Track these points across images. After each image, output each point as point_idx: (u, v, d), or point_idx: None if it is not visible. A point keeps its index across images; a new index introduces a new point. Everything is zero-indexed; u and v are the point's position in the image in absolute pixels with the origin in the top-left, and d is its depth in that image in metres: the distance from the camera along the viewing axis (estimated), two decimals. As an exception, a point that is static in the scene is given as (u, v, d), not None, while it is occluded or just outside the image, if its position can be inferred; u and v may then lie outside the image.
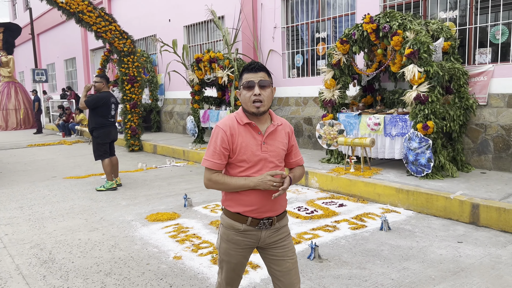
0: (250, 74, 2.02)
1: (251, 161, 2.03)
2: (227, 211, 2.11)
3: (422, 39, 5.36)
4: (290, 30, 9.16)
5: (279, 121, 2.15)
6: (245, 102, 2.02)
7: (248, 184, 1.99)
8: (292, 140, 2.20)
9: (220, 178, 2.04)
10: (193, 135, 10.12)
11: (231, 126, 2.03)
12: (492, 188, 4.91)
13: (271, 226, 2.10)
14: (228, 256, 2.13)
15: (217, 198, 5.85)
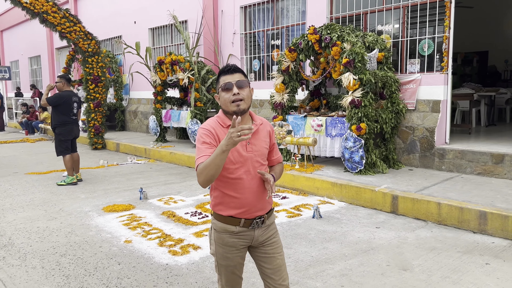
0: (226, 76, 2.03)
1: (238, 162, 2.03)
2: (218, 215, 2.11)
3: (357, 50, 6.02)
4: (249, 36, 9.72)
5: (259, 120, 2.18)
6: (225, 103, 2.03)
7: (222, 149, 1.83)
8: (273, 139, 2.25)
9: (202, 164, 1.92)
10: (155, 134, 10.50)
11: (214, 127, 2.04)
12: (413, 183, 5.61)
13: (263, 224, 2.14)
14: (225, 259, 2.13)
15: (172, 192, 6.32)
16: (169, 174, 7.68)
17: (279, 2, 8.88)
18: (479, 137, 7.38)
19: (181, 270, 3.55)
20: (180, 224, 4.79)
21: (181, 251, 3.97)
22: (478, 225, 4.38)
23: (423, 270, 3.51)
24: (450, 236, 4.34)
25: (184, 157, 8.51)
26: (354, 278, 3.39)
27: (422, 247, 4.04)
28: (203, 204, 5.59)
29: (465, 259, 3.73)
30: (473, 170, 5.89)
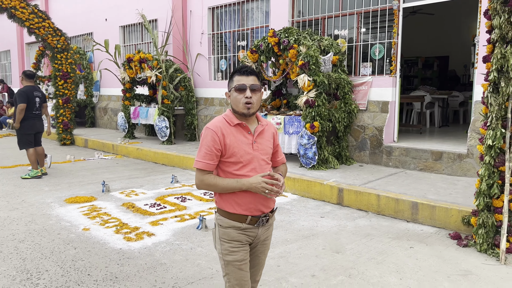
0: (241, 77, 2.08)
1: (244, 160, 2.08)
2: (225, 212, 2.13)
3: (311, 53, 6.42)
4: (216, 36, 10.02)
5: (265, 122, 2.25)
6: (236, 103, 2.09)
7: (240, 187, 2.04)
8: (277, 140, 2.30)
9: (212, 179, 2.06)
10: (124, 131, 10.67)
11: (221, 127, 2.08)
12: (359, 177, 6.05)
13: (267, 222, 2.19)
14: (232, 254, 2.12)
15: (134, 186, 6.57)
16: (135, 169, 7.91)
17: (245, 4, 9.22)
18: (427, 137, 7.91)
19: (133, 254, 3.84)
20: (139, 214, 5.07)
21: (136, 237, 4.26)
22: (411, 215, 4.84)
23: (354, 253, 3.92)
24: (385, 224, 4.77)
25: (150, 153, 8.75)
26: (291, 259, 3.76)
27: (358, 233, 4.46)
28: (163, 196, 5.87)
29: (393, 244, 4.16)
30: (416, 166, 6.38)
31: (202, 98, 10.23)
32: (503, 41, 3.76)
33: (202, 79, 10.17)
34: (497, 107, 3.81)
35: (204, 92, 10.16)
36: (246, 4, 9.20)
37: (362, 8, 7.15)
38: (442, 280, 3.36)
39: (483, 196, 3.93)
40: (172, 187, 6.45)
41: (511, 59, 3.68)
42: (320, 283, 3.29)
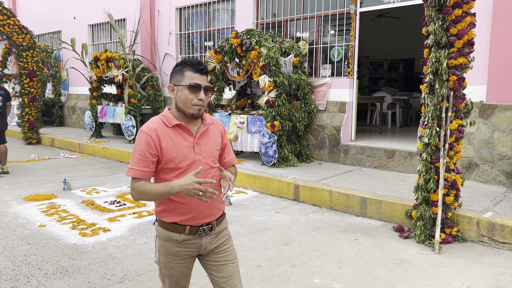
0: (196, 74, 1.89)
1: (184, 165, 1.89)
2: (162, 222, 1.96)
3: (271, 55, 6.62)
4: (184, 36, 10.12)
5: (210, 119, 2.04)
6: (185, 102, 1.88)
7: (170, 191, 1.79)
8: (225, 139, 2.10)
9: (142, 185, 1.85)
10: (91, 130, 10.64)
11: (157, 129, 1.88)
12: (317, 174, 6.29)
13: (211, 231, 2.00)
14: (169, 269, 1.98)
15: (97, 184, 6.61)
16: (99, 168, 7.93)
17: (211, 5, 9.36)
18: (384, 136, 8.24)
19: (86, 248, 3.94)
20: (97, 211, 5.15)
21: (91, 233, 4.34)
22: (360, 209, 5.09)
23: (301, 245, 4.12)
24: (336, 218, 5.01)
25: (116, 152, 8.77)
26: (240, 251, 3.93)
27: (308, 227, 4.67)
28: (124, 194, 5.95)
29: (340, 236, 4.39)
30: (371, 164, 6.67)
31: (170, 97, 10.30)
32: (438, 46, 4.05)
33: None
34: (433, 107, 4.09)
35: (172, 91, 10.25)
36: (213, 5, 9.34)
37: (322, 11, 7.40)
38: (378, 268, 3.60)
39: (421, 191, 4.21)
40: (134, 185, 6.52)
41: (444, 62, 3.96)
42: (263, 273, 3.48)
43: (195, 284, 3.21)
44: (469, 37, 4.01)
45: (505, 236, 4.05)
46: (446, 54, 4.00)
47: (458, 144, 4.22)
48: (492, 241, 4.13)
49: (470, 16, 4.00)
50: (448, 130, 4.08)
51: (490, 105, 5.51)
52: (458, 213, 4.34)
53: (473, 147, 5.65)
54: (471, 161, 5.69)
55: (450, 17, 3.96)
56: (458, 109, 4.15)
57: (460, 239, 4.26)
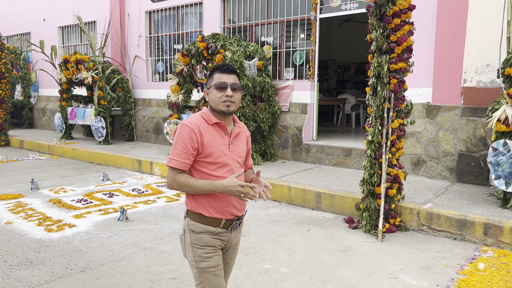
0: (222, 75, 2.02)
1: (221, 161, 2.02)
2: (198, 215, 2.04)
3: (236, 58, 6.92)
4: (154, 39, 10.31)
5: (241, 124, 2.20)
6: (215, 101, 2.02)
7: (215, 190, 1.95)
8: (249, 145, 2.26)
9: (185, 179, 1.97)
10: (61, 131, 10.68)
11: (199, 124, 2.01)
12: (279, 172, 6.62)
13: (239, 225, 2.15)
14: (207, 260, 2.03)
15: (65, 183, 6.75)
16: (68, 169, 8.04)
17: (180, 9, 9.60)
18: (345, 136, 8.66)
19: (51, 242, 4.13)
20: (64, 209, 5.32)
21: (57, 228, 4.53)
22: (315, 203, 5.44)
23: (257, 236, 4.43)
24: (293, 212, 5.34)
25: (85, 153, 8.88)
26: (199, 243, 4.20)
27: (266, 220, 4.98)
28: (91, 193, 6.12)
29: (294, 228, 4.72)
30: (330, 161, 7.05)
31: (140, 99, 10.48)
32: (380, 52, 4.44)
33: (140, 80, 10.42)
34: (376, 108, 4.48)
35: (142, 93, 10.41)
36: (182, 9, 9.58)
37: (284, 17, 7.76)
38: (324, 255, 3.94)
39: (367, 184, 4.59)
40: (102, 184, 6.70)
41: (385, 67, 4.35)
42: (218, 261, 3.76)
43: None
44: (407, 43, 4.41)
45: (441, 225, 4.47)
46: (387, 59, 4.39)
47: (400, 142, 4.62)
48: (430, 230, 4.55)
49: (408, 25, 4.41)
50: (389, 129, 4.47)
51: (435, 106, 5.97)
52: (402, 205, 4.74)
53: (421, 145, 6.10)
54: (419, 158, 6.13)
55: (390, 25, 4.35)
56: (399, 110, 4.55)
57: (403, 229, 4.65)
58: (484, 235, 4.21)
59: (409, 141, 6.18)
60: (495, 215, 4.33)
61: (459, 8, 5.66)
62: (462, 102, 5.72)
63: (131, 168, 7.95)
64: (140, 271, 3.51)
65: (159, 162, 7.50)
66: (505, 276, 3.50)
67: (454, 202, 4.84)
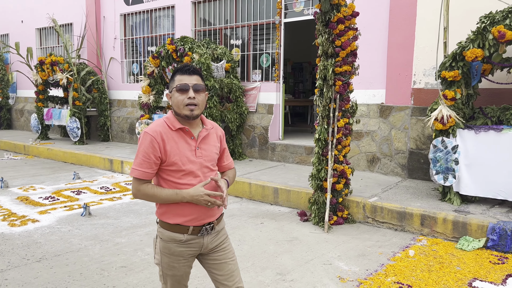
0: (183, 76, 1.95)
1: (187, 168, 1.95)
2: (165, 223, 2.00)
3: (203, 60, 7.19)
4: (129, 41, 10.52)
5: (210, 124, 2.10)
6: (177, 105, 1.95)
7: (181, 200, 1.91)
8: (224, 144, 2.17)
9: (150, 189, 1.93)
10: (37, 132, 10.82)
11: (161, 131, 1.93)
12: (244, 170, 6.89)
13: (212, 230, 2.06)
14: (172, 269, 2.03)
15: (36, 182, 6.93)
16: (42, 168, 8.21)
17: (154, 12, 9.83)
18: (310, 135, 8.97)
19: (13, 236, 4.34)
20: (30, 205, 5.52)
21: (20, 223, 4.74)
22: (273, 198, 5.73)
23: (211, 229, 4.69)
24: (252, 207, 5.62)
25: (60, 152, 9.05)
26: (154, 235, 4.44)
27: (225, 215, 5.21)
28: (60, 191, 6.32)
29: (249, 221, 5.00)
30: (294, 160, 7.36)
31: (116, 100, 10.67)
32: (326, 56, 4.74)
33: (115, 81, 10.61)
34: (323, 108, 4.78)
35: (117, 94, 10.61)
36: (155, 13, 9.81)
37: (251, 21, 8.05)
38: (270, 245, 4.22)
39: (315, 179, 4.89)
40: (72, 183, 6.90)
41: (330, 70, 4.66)
42: (169, 251, 4.02)
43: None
44: (352, 48, 4.73)
45: (384, 217, 4.79)
46: (332, 62, 4.70)
47: (347, 139, 4.93)
48: (375, 221, 4.87)
49: (352, 31, 4.72)
50: (335, 127, 4.78)
51: (388, 106, 6.31)
52: (349, 199, 5.06)
53: (375, 144, 6.43)
54: (374, 156, 6.47)
55: (335, 31, 4.65)
56: (345, 110, 4.86)
57: (350, 221, 4.96)
58: (421, 225, 4.54)
59: (364, 140, 6.51)
60: (432, 207, 4.66)
61: (408, 14, 6.01)
62: (412, 102, 6.07)
63: (103, 167, 8.15)
64: (93, 261, 3.75)
65: (130, 161, 7.72)
66: (430, 261, 3.82)
67: (399, 196, 5.17)
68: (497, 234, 4.07)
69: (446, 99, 4.73)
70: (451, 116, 4.68)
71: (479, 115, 5.08)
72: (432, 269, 3.65)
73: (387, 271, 3.61)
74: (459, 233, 4.31)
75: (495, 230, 4.09)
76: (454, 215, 4.40)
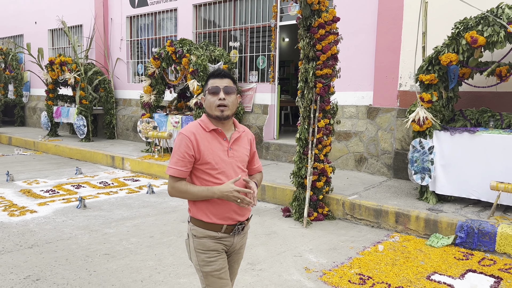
0: (215, 79, 2.05)
1: (219, 167, 2.03)
2: (198, 221, 2.06)
3: (200, 62, 7.46)
4: (134, 43, 10.88)
5: (242, 128, 2.19)
6: (209, 106, 2.04)
7: (212, 196, 1.98)
8: (254, 147, 2.26)
9: (183, 186, 2.02)
10: (47, 129, 11.28)
11: (195, 132, 2.02)
12: (236, 168, 7.13)
13: (243, 230, 2.14)
14: (210, 264, 2.06)
15: (40, 176, 7.31)
16: (48, 163, 8.61)
17: (158, 15, 10.16)
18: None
19: (10, 225, 4.68)
20: (31, 197, 5.87)
21: (19, 214, 5.08)
22: (260, 195, 5.97)
23: (196, 222, 4.95)
24: (239, 203, 5.86)
25: (66, 149, 9.46)
26: (142, 227, 4.74)
27: (211, 210, 5.50)
28: (61, 185, 6.68)
29: (233, 216, 5.23)
30: (286, 158, 7.58)
31: (121, 99, 11.05)
32: (307, 59, 4.96)
33: (121, 81, 10.99)
34: (304, 109, 5.00)
35: (123, 93, 10.99)
36: (159, 15, 10.15)
37: (249, 24, 8.30)
38: (248, 238, 4.45)
39: (296, 177, 5.11)
40: (74, 177, 7.26)
41: (310, 72, 4.87)
42: (152, 241, 4.29)
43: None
44: (332, 52, 4.93)
45: (361, 214, 4.98)
46: (313, 65, 4.91)
47: (327, 139, 5.14)
48: (353, 218, 5.06)
49: (333, 35, 4.93)
50: (316, 127, 4.99)
51: (375, 108, 6.49)
52: (330, 196, 5.26)
53: (363, 144, 6.61)
54: (361, 156, 6.64)
55: (316, 35, 4.87)
56: (325, 110, 5.07)
57: (330, 217, 5.17)
58: (396, 223, 4.73)
59: (353, 140, 6.70)
60: (407, 206, 4.84)
61: (395, 19, 6.18)
62: (398, 104, 6.24)
63: (105, 164, 8.51)
64: (80, 248, 4.05)
65: (130, 158, 8.05)
66: (397, 256, 4.01)
67: (379, 194, 5.36)
68: (465, 231, 4.24)
69: (423, 102, 4.90)
70: (428, 118, 4.85)
71: (459, 117, 5.24)
72: (396, 263, 3.84)
73: (352, 263, 3.82)
74: (430, 230, 4.48)
75: (463, 228, 4.25)
76: (427, 213, 4.57)
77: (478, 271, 3.70)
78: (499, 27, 4.30)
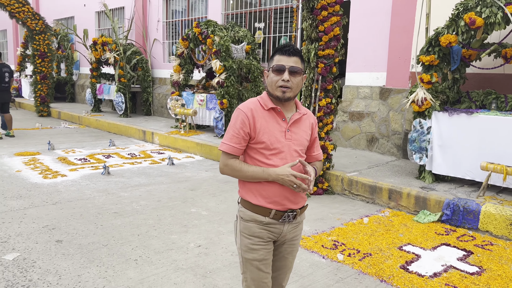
0: (282, 56, 1.88)
1: (275, 148, 1.90)
2: (247, 203, 1.96)
3: (222, 42, 7.82)
4: (170, 24, 11.42)
5: (304, 110, 2.05)
6: (271, 85, 1.91)
7: (267, 178, 1.87)
8: (315, 133, 2.09)
9: (237, 164, 1.91)
10: (91, 105, 12.22)
11: (253, 109, 1.91)
12: (253, 144, 7.50)
13: (295, 219, 2.00)
14: (251, 252, 1.96)
15: (77, 146, 8.11)
16: (88, 136, 9.44)
17: (191, -3, 10.61)
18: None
19: (42, 185, 5.39)
20: (65, 164, 6.61)
21: (52, 177, 5.80)
22: (269, 170, 6.30)
23: (204, 191, 5.40)
24: (249, 177, 6.24)
25: (105, 123, 10.27)
26: (153, 192, 5.26)
27: (221, 181, 5.93)
28: (94, 154, 7.40)
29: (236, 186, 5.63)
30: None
31: (158, 78, 11.71)
32: (310, 40, 5.16)
33: (158, 61, 11.62)
34: (305, 88, 5.24)
35: (159, 72, 11.63)
36: (192, -3, 10.58)
37: (273, 5, 8.50)
38: (244, 206, 4.84)
39: (297, 153, 5.38)
40: (107, 148, 7.98)
41: (312, 53, 5.08)
42: (158, 204, 4.80)
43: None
44: (335, 33, 5.09)
45: (358, 190, 5.20)
46: (316, 46, 5.11)
47: (329, 118, 5.35)
48: (351, 194, 5.29)
49: (335, 17, 5.08)
50: (317, 106, 5.22)
51: (387, 89, 6.54)
52: (330, 172, 5.50)
53: (375, 124, 6.71)
54: (373, 136, 6.76)
55: (319, 17, 5.05)
56: (327, 90, 5.27)
57: (330, 192, 5.42)
58: (389, 199, 4.91)
59: (365, 121, 6.81)
60: (402, 184, 4.99)
61: (409, 0, 6.15)
62: (409, 85, 6.27)
63: (137, 137, 9.19)
64: (94, 207, 4.64)
65: (159, 133, 8.66)
66: (379, 228, 4.23)
67: (380, 173, 5.52)
68: (451, 209, 4.35)
69: (423, 82, 4.96)
70: (426, 98, 4.92)
71: (465, 99, 5.25)
72: (375, 234, 4.07)
73: (332, 232, 4.10)
74: (420, 207, 4.63)
75: (449, 205, 4.37)
76: (417, 190, 4.71)
77: (453, 245, 3.85)
78: (497, 8, 4.27)
